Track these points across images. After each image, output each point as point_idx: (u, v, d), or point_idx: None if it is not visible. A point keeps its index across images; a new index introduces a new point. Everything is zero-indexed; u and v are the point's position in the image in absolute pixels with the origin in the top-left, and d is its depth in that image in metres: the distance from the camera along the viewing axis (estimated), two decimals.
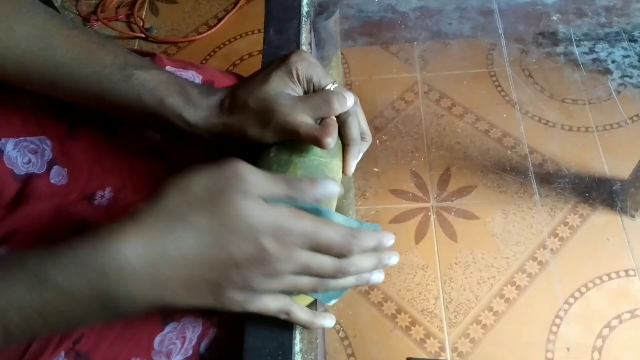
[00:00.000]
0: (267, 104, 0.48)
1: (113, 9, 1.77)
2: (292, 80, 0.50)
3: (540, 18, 0.79)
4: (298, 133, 0.48)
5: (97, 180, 0.59)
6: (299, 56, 0.50)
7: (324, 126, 0.48)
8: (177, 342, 0.51)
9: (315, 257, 0.43)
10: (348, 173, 0.52)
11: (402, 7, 0.77)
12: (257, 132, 0.49)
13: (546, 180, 1.32)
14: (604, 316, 1.16)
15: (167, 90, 0.51)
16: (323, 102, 0.49)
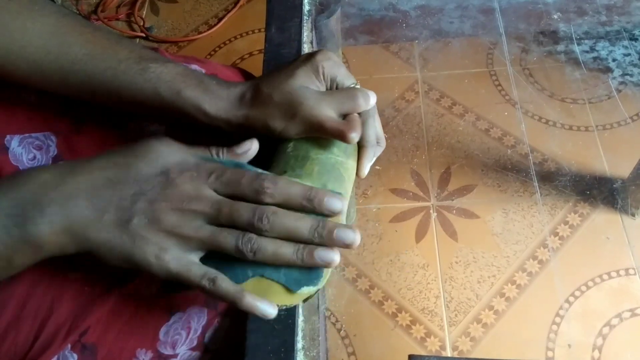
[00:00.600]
0: (293, 97, 0.49)
1: (113, 8, 1.77)
2: (317, 77, 0.50)
3: (541, 17, 0.79)
4: (323, 127, 0.48)
5: None
6: (325, 55, 0.51)
7: (349, 121, 0.49)
8: (182, 332, 0.52)
9: (227, 199, 0.43)
10: (362, 175, 0.52)
11: (403, 6, 0.77)
12: (281, 124, 0.49)
13: (546, 179, 1.32)
14: (604, 315, 1.16)
15: (184, 82, 0.51)
16: (348, 98, 0.49)
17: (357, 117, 0.50)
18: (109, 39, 0.53)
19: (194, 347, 0.52)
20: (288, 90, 0.49)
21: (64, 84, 0.53)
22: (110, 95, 0.52)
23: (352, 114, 0.50)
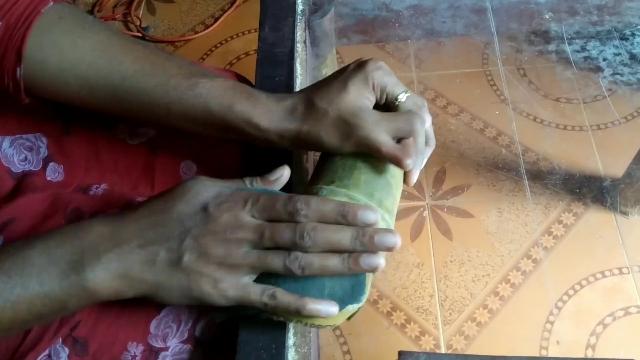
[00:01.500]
0: (349, 117, 0.48)
1: (110, 8, 1.77)
2: (368, 88, 0.50)
3: (532, 16, 0.80)
4: (379, 150, 0.48)
5: (93, 176, 0.60)
6: (375, 64, 0.51)
7: (405, 147, 0.49)
8: (173, 325, 0.52)
9: (267, 223, 0.44)
10: (410, 183, 0.52)
11: (396, 6, 0.77)
12: (335, 142, 0.50)
13: (540, 178, 1.33)
14: (598, 314, 1.16)
15: (235, 96, 0.51)
16: (407, 124, 0.49)
17: (412, 142, 0.49)
18: (158, 56, 0.53)
19: (185, 339, 0.52)
20: (344, 107, 0.49)
21: (113, 101, 0.53)
22: (160, 112, 0.52)
23: (408, 138, 0.50)
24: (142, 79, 0.52)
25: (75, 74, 0.51)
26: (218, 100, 0.51)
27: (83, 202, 0.58)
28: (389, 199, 0.49)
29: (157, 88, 0.51)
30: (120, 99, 0.52)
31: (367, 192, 0.48)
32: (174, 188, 0.47)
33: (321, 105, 0.49)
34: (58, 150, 0.60)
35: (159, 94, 0.51)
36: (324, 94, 0.50)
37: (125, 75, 0.51)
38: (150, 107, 0.52)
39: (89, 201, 0.59)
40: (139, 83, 0.51)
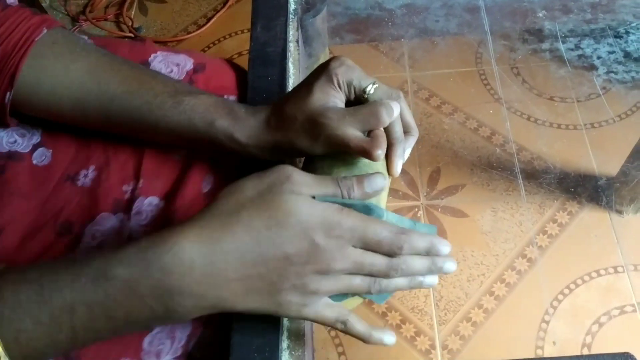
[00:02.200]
0: (315, 117, 0.49)
1: (102, 9, 1.76)
2: (333, 87, 0.50)
3: (526, 15, 0.80)
4: (348, 146, 0.48)
5: (82, 159, 0.60)
6: (337, 61, 0.51)
7: (374, 138, 0.48)
8: (166, 342, 0.51)
9: (367, 254, 0.44)
10: (394, 173, 0.52)
11: (389, 5, 0.77)
12: (306, 145, 0.50)
13: (535, 177, 1.33)
14: (593, 313, 1.16)
15: (217, 112, 0.52)
16: (371, 115, 0.49)
17: (381, 132, 0.49)
18: (145, 75, 0.55)
19: (179, 356, 0.52)
20: (310, 110, 0.49)
21: (105, 121, 0.55)
22: (148, 129, 0.54)
23: (377, 129, 0.50)
24: (129, 99, 0.53)
25: (67, 97, 0.54)
26: (201, 117, 0.52)
27: (72, 205, 0.58)
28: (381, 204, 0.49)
29: (144, 107, 0.53)
30: (111, 119, 0.55)
31: None
32: (272, 203, 0.42)
33: (289, 111, 0.50)
34: (50, 137, 0.61)
35: (145, 112, 0.53)
36: (291, 100, 0.51)
37: (114, 96, 0.53)
38: (139, 125, 0.54)
39: (78, 195, 0.58)
40: (127, 103, 0.53)
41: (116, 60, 0.56)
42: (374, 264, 0.44)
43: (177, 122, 0.52)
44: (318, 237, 0.42)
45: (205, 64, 0.67)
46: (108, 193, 0.59)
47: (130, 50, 0.66)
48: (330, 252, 0.42)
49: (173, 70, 0.66)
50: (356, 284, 0.44)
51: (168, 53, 0.67)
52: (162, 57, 0.66)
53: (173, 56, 0.66)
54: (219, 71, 0.67)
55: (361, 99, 0.51)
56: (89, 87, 0.53)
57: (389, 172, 0.52)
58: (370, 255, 0.44)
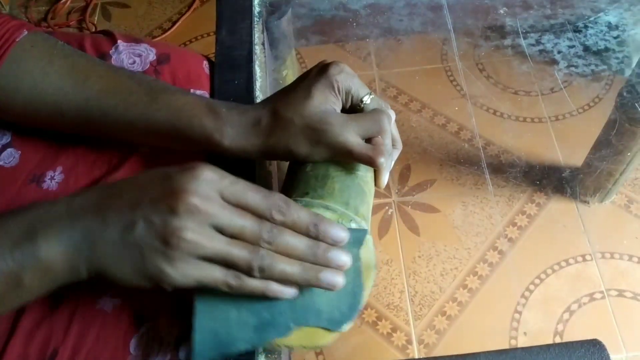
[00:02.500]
0: (316, 123, 0.48)
1: (64, 15, 1.73)
2: (333, 93, 0.49)
3: (487, 12, 0.81)
4: (350, 153, 0.47)
5: (49, 160, 0.59)
6: (338, 67, 0.50)
7: (376, 146, 0.48)
8: (153, 344, 0.50)
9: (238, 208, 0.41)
10: (381, 186, 0.51)
11: (353, 5, 0.78)
12: (305, 150, 0.49)
13: (502, 171, 1.35)
14: (564, 301, 1.19)
15: (194, 110, 0.50)
16: (374, 122, 0.49)
17: (381, 140, 0.49)
18: (121, 74, 0.54)
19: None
20: (310, 114, 0.48)
21: (82, 122, 0.54)
22: (124, 129, 0.53)
23: (377, 137, 0.49)
24: (104, 99, 0.52)
25: (45, 100, 0.53)
26: (178, 115, 0.51)
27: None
28: (364, 206, 0.49)
29: (119, 106, 0.52)
30: (87, 120, 0.53)
31: (343, 200, 0.48)
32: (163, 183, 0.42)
33: (286, 114, 0.49)
34: (20, 138, 0.60)
35: (121, 111, 0.52)
36: (288, 103, 0.49)
37: (89, 96, 0.52)
38: (115, 125, 0.53)
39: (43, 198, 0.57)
40: (101, 102, 0.52)
41: (92, 61, 0.55)
42: (248, 218, 0.41)
43: (154, 121, 0.51)
44: (175, 172, 0.41)
45: (169, 54, 0.66)
46: None
47: (92, 43, 0.65)
48: (190, 188, 0.40)
49: (136, 62, 0.64)
50: (236, 248, 0.40)
51: (129, 43, 0.65)
52: (123, 48, 0.65)
53: (134, 46, 0.65)
54: (185, 62, 0.66)
55: (357, 107, 0.51)
56: (66, 89, 0.52)
57: (377, 184, 0.51)
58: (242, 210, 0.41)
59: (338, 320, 0.44)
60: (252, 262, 0.40)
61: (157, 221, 0.39)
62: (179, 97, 0.52)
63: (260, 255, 0.40)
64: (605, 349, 0.51)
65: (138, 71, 0.64)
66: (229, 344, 0.43)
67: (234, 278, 0.41)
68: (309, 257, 0.42)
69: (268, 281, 0.41)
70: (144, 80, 0.54)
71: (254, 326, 0.43)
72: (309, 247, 0.42)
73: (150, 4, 1.76)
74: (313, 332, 0.44)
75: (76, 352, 0.49)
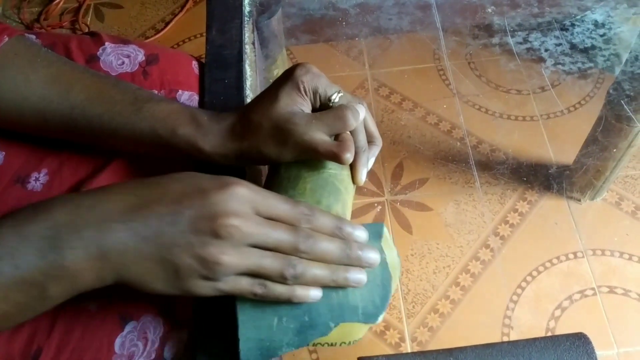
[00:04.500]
0: (282, 124, 0.48)
1: (57, 16, 1.73)
2: (300, 94, 0.50)
3: (475, 11, 0.81)
4: (317, 151, 0.48)
5: (34, 162, 0.59)
6: (303, 69, 0.51)
7: (342, 142, 0.48)
8: (138, 343, 0.51)
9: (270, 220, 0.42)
10: (359, 182, 0.52)
11: (343, 4, 0.78)
12: (274, 152, 0.50)
13: (494, 169, 1.36)
14: (555, 298, 1.19)
15: (178, 120, 0.51)
16: (338, 119, 0.49)
17: (348, 136, 0.50)
18: (105, 83, 0.54)
19: (153, 359, 0.51)
20: (275, 116, 0.49)
21: (67, 130, 0.54)
22: (109, 138, 0.53)
23: (345, 133, 0.50)
24: (89, 107, 0.53)
25: (29, 107, 0.53)
26: (162, 124, 0.51)
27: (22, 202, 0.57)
28: (337, 204, 0.49)
29: (104, 115, 0.52)
30: (72, 128, 0.54)
31: (314, 200, 0.48)
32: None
33: (255, 118, 0.50)
34: (4, 139, 0.60)
35: (106, 120, 0.52)
36: (257, 107, 0.50)
37: (74, 105, 0.53)
38: (99, 133, 0.53)
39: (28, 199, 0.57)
40: (86, 111, 0.53)
41: (77, 69, 0.55)
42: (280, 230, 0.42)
43: (139, 130, 0.52)
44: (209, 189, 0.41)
45: (157, 54, 0.66)
46: None
47: (80, 45, 0.65)
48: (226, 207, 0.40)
49: (124, 63, 0.65)
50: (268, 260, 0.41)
51: (117, 45, 0.65)
52: (111, 49, 0.65)
53: (123, 47, 0.65)
54: (174, 63, 0.67)
55: (326, 107, 0.52)
56: (50, 97, 0.53)
57: (354, 181, 0.52)
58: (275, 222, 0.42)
59: (373, 313, 0.45)
60: (285, 272, 0.41)
61: (197, 243, 0.40)
62: (163, 106, 0.52)
63: (292, 263, 0.42)
64: (590, 342, 0.51)
65: (125, 72, 0.64)
66: (273, 349, 0.44)
67: (260, 287, 0.42)
68: (343, 259, 0.44)
69: (293, 287, 0.43)
70: (129, 89, 0.55)
71: (295, 330, 0.44)
72: (342, 249, 0.43)
73: (143, 4, 1.76)
74: (350, 327, 0.45)
75: (60, 351, 0.49)
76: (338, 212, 0.49)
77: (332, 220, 0.44)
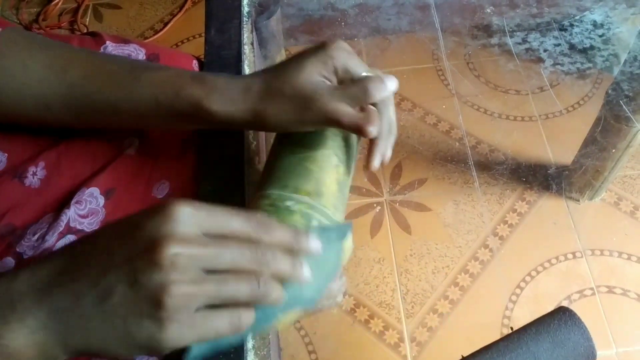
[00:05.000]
0: (306, 92, 0.46)
1: (55, 17, 1.73)
2: (327, 68, 0.48)
3: (475, 11, 0.82)
4: (340, 122, 0.46)
5: (31, 156, 0.58)
6: (336, 45, 0.49)
7: (367, 114, 0.46)
8: None
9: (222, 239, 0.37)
10: (373, 167, 0.50)
11: (342, 5, 0.78)
12: (294, 119, 0.47)
13: (493, 169, 1.36)
14: (555, 298, 1.19)
15: (179, 82, 0.49)
16: (362, 88, 0.47)
17: (373, 109, 0.48)
18: (102, 59, 0.53)
19: None
20: (300, 84, 0.47)
21: (68, 112, 0.53)
22: (110, 113, 0.52)
23: (369, 105, 0.48)
24: (87, 84, 0.51)
25: (28, 94, 0.52)
26: (163, 89, 0.49)
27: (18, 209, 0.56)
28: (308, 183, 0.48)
29: (104, 89, 0.51)
30: (73, 109, 0.52)
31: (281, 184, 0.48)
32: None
33: (276, 84, 0.48)
34: (3, 138, 0.59)
35: (105, 94, 0.51)
36: (279, 73, 0.49)
37: (72, 83, 0.51)
38: (100, 110, 0.52)
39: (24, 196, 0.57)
40: (85, 88, 0.51)
41: (73, 50, 0.54)
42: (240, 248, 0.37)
43: (139, 98, 0.50)
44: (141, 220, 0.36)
45: (158, 54, 0.66)
46: (56, 196, 0.57)
47: (81, 44, 0.65)
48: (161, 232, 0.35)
49: None
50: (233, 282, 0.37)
51: (118, 44, 0.65)
52: (112, 48, 0.65)
53: (123, 46, 0.65)
54: (174, 62, 0.66)
55: None
56: (49, 79, 0.51)
57: (367, 165, 0.50)
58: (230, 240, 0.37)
59: (316, 300, 0.44)
60: (254, 293, 0.37)
61: (139, 281, 0.34)
62: (161, 72, 0.51)
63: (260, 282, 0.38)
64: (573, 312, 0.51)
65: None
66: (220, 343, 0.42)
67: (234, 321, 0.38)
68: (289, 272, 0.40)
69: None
70: (125, 61, 0.53)
71: None
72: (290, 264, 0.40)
73: (141, 5, 1.76)
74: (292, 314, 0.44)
75: None
76: (309, 191, 0.48)
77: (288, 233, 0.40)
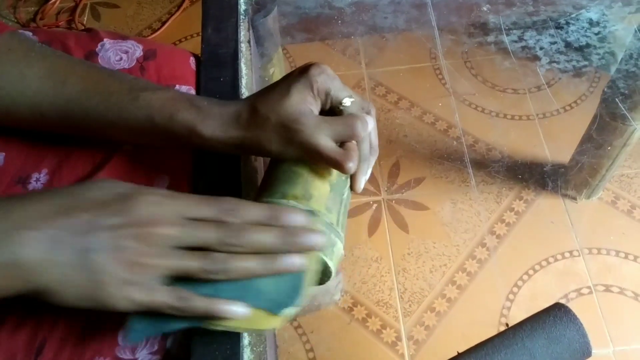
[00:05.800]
0: (290, 122, 0.48)
1: (53, 16, 1.73)
2: (311, 93, 0.49)
3: (471, 9, 0.82)
4: (320, 155, 0.47)
5: (34, 162, 0.59)
6: (318, 69, 0.50)
7: (347, 151, 0.48)
8: None
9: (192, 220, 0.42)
10: (357, 189, 0.52)
11: (338, 3, 0.78)
12: (277, 148, 0.49)
13: (490, 168, 1.36)
14: (552, 296, 1.20)
15: (176, 106, 0.51)
16: (347, 127, 0.49)
17: (354, 145, 0.49)
18: (101, 74, 0.54)
19: (155, 351, 0.51)
20: (285, 113, 0.48)
21: (64, 123, 0.54)
22: (106, 128, 0.53)
23: (350, 142, 0.49)
24: (85, 99, 0.52)
25: (24, 102, 0.53)
26: (160, 111, 0.51)
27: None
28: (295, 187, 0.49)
29: (100, 106, 0.52)
30: (69, 120, 0.53)
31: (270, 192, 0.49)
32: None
33: (263, 111, 0.49)
34: (2, 139, 0.59)
35: (102, 111, 0.52)
36: (266, 100, 0.50)
37: (70, 97, 0.52)
38: (96, 125, 0.53)
39: None
40: (82, 103, 0.52)
41: (72, 62, 0.55)
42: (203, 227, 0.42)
43: (135, 119, 0.51)
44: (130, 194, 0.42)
45: (155, 50, 0.66)
46: None
47: (77, 42, 0.65)
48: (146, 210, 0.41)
49: (122, 58, 0.64)
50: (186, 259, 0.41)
51: (116, 40, 0.65)
52: (109, 45, 0.65)
53: (121, 43, 0.65)
54: (172, 58, 0.66)
55: (336, 110, 0.51)
56: (45, 91, 0.52)
57: (352, 188, 0.52)
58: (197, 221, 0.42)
59: (276, 303, 0.44)
60: (206, 267, 0.41)
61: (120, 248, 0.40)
62: (160, 94, 0.52)
63: (212, 257, 0.42)
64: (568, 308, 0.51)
65: (123, 68, 0.64)
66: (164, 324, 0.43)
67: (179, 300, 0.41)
68: (281, 247, 0.43)
69: (213, 300, 0.42)
70: (124, 79, 0.54)
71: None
72: (276, 237, 0.43)
73: (139, 4, 1.76)
74: (255, 314, 0.44)
75: (64, 343, 0.49)
76: (297, 195, 0.48)
77: (263, 210, 0.44)
